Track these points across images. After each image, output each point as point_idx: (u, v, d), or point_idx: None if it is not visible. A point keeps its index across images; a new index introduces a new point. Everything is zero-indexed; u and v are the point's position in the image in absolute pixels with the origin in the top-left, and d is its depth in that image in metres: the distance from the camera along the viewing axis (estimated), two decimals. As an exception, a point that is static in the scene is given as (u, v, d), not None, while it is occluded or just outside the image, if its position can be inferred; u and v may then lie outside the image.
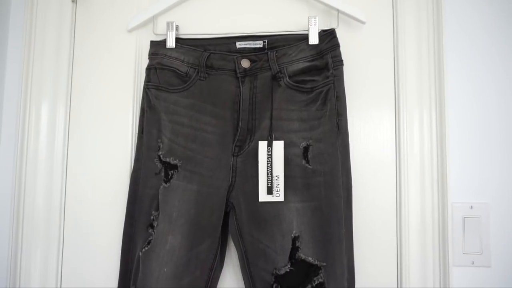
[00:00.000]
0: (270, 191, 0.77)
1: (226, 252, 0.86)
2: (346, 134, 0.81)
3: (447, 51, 0.87)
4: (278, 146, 0.78)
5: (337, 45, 0.82)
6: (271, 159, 0.78)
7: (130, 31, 0.93)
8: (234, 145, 0.82)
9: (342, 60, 0.81)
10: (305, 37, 0.83)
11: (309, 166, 0.78)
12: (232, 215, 0.81)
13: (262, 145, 0.79)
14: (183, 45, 0.87)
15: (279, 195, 0.77)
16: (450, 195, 0.83)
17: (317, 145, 0.79)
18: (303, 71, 0.82)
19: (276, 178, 0.78)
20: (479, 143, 0.86)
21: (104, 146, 0.93)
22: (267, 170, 0.78)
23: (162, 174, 0.83)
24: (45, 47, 0.94)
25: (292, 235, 0.77)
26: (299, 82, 0.82)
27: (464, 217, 0.84)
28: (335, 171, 0.78)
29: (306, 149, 0.79)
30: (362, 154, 0.87)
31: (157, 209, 0.82)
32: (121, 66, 0.94)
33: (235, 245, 0.81)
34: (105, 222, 0.91)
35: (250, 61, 0.83)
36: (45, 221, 0.92)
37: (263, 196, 0.78)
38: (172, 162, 0.82)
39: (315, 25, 0.82)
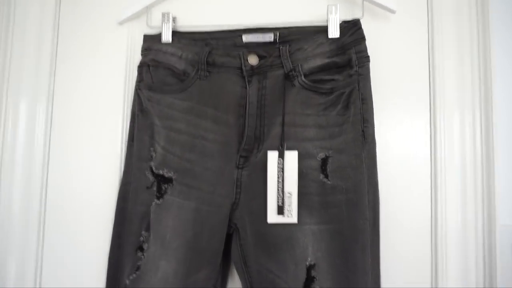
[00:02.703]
0: (281, 210, 0.68)
1: (229, 282, 0.77)
2: (373, 143, 0.70)
3: (494, 45, 0.75)
4: (291, 157, 0.69)
5: (362, 39, 0.71)
6: (283, 172, 0.68)
7: (121, 23, 0.84)
8: (239, 155, 0.72)
9: (368, 56, 0.71)
10: (324, 29, 0.73)
11: (328, 182, 0.69)
12: (235, 239, 0.71)
13: (272, 156, 0.69)
14: (180, 39, 0.78)
15: (291, 216, 0.68)
16: (498, 216, 0.72)
17: (338, 156, 0.69)
18: (322, 69, 0.73)
19: (288, 195, 0.68)
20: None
21: (90, 154, 0.84)
22: (278, 186, 0.68)
23: (155, 188, 0.74)
24: (25, 40, 0.86)
25: (307, 263, 0.68)
26: (317, 81, 0.72)
27: (514, 244, 0.73)
28: (360, 188, 0.67)
29: (324, 161, 0.69)
30: (391, 168, 0.76)
31: (148, 229, 0.73)
32: (111, 64, 0.85)
33: (238, 274, 0.71)
34: (89, 243, 0.82)
35: (259, 57, 0.74)
36: (21, 237, 0.84)
37: (272, 217, 0.68)
38: (166, 175, 0.73)
39: (335, 14, 0.72)
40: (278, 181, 0.68)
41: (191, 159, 0.73)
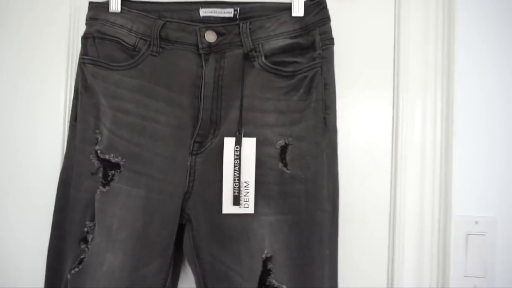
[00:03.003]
0: (237, 200, 0.64)
1: (181, 275, 0.73)
2: (335, 131, 0.67)
3: (459, 31, 0.74)
4: (249, 144, 0.65)
5: (327, 19, 0.67)
6: (239, 160, 0.64)
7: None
8: (193, 140, 0.67)
9: (332, 38, 0.67)
10: (287, 7, 0.68)
11: (287, 171, 0.65)
12: (188, 230, 0.67)
13: (229, 143, 0.65)
14: (131, 10, 0.70)
15: (248, 206, 0.64)
16: (454, 207, 0.72)
17: (298, 144, 0.65)
18: (284, 50, 0.68)
19: (245, 184, 0.64)
20: (488, 148, 0.74)
21: (28, 135, 0.76)
22: (234, 175, 0.64)
23: (100, 175, 0.67)
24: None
25: (263, 256, 0.65)
26: (278, 63, 0.67)
27: (468, 234, 0.73)
28: (320, 178, 0.65)
29: (284, 149, 0.66)
30: (351, 157, 0.74)
31: (93, 219, 0.67)
32: (52, 33, 0.76)
33: (190, 267, 0.68)
34: (27, 233, 0.75)
35: (217, 34, 0.68)
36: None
37: (227, 207, 0.65)
38: (113, 160, 0.67)
39: (300, -9, 0.67)
40: (234, 169, 0.64)
41: (141, 143, 0.67)
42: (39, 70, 0.76)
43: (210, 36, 0.68)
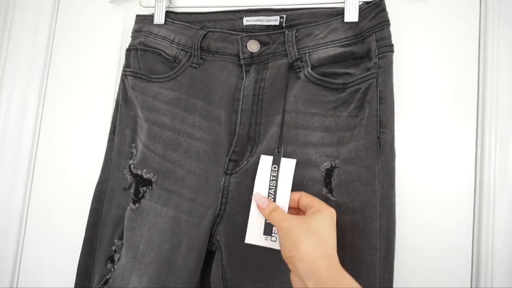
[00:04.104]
0: (269, 229, 0.55)
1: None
2: (392, 154, 0.56)
3: None
4: (288, 166, 0.56)
5: (385, 23, 0.57)
6: (276, 182, 0.56)
7: (112, 1, 0.76)
8: (228, 158, 0.61)
9: (392, 45, 0.57)
10: (340, 12, 0.61)
11: (333, 198, 0.56)
12: (217, 258, 0.60)
13: (265, 161, 0.57)
14: (175, 21, 0.68)
15: (276, 240, 0.54)
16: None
17: (346, 167, 0.56)
18: (335, 60, 0.60)
19: None
20: None
21: (79, 145, 0.77)
22: (268, 197, 0.56)
23: (132, 190, 0.64)
24: (23, 24, 0.83)
25: (301, 294, 0.55)
26: (328, 75, 0.59)
27: None
28: (370, 209, 0.54)
29: (329, 172, 0.57)
30: (414, 187, 0.61)
31: (122, 237, 0.64)
32: (106, 47, 0.78)
33: (217, 301, 0.60)
34: (66, 244, 0.75)
35: (260, 44, 0.63)
36: (1, 234, 0.78)
37: (253, 237, 0.55)
38: (145, 176, 0.64)
39: (355, -6, 0.60)
40: (269, 192, 0.56)
41: (174, 159, 0.63)
42: (93, 83, 0.78)
43: (253, 46, 0.63)
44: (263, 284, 0.58)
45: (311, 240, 0.46)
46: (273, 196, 0.55)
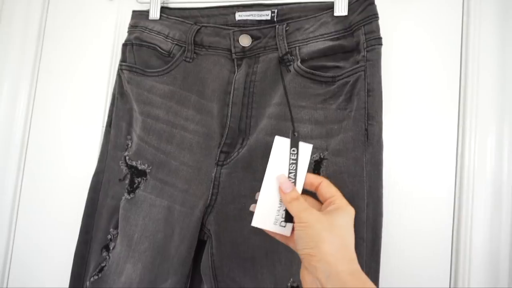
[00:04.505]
0: (289, 217, 0.48)
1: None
2: (379, 146, 0.56)
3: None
4: (306, 151, 0.50)
5: (374, 16, 0.58)
6: (296, 166, 0.49)
7: (110, -1, 0.78)
8: (219, 150, 0.62)
9: (380, 38, 0.58)
10: (329, 6, 0.61)
11: (320, 189, 0.56)
12: (207, 247, 0.61)
13: (281, 144, 0.50)
14: (169, 16, 0.70)
15: (285, 226, 0.49)
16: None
17: (334, 159, 0.57)
18: (324, 53, 0.61)
19: None
20: None
21: (71, 138, 0.78)
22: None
23: (127, 181, 0.66)
24: (13, 16, 0.82)
25: (289, 284, 0.57)
26: (318, 68, 0.60)
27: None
28: (358, 200, 0.55)
29: (318, 164, 0.58)
30: (400, 178, 0.62)
31: (117, 227, 0.66)
32: (98, 41, 0.79)
33: (207, 288, 0.61)
34: (60, 233, 0.76)
35: (252, 38, 0.64)
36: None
37: (260, 221, 0.49)
38: (140, 167, 0.65)
39: (344, -12, 0.60)
40: (289, 176, 0.49)
41: (168, 151, 0.64)
42: (85, 77, 0.79)
43: (245, 40, 0.64)
44: (251, 273, 0.59)
45: (334, 240, 0.43)
46: (293, 180, 0.49)
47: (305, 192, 0.49)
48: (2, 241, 0.79)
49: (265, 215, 0.49)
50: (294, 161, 0.50)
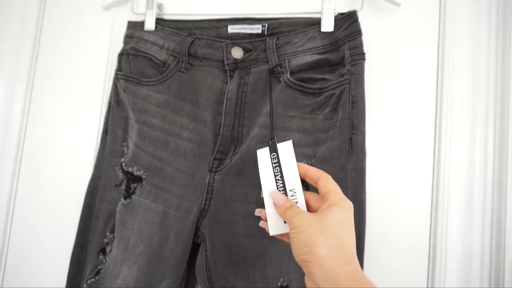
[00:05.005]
0: None
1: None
2: (362, 154, 0.61)
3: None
4: (286, 148, 0.54)
5: (357, 33, 0.63)
6: (280, 167, 0.53)
7: (106, 8, 0.80)
8: (212, 157, 0.65)
9: (363, 53, 0.62)
10: (317, 22, 0.65)
11: (308, 194, 0.60)
12: (202, 250, 0.64)
13: (262, 154, 0.55)
14: (164, 28, 0.72)
15: None
16: (508, 251, 0.61)
17: (321, 166, 0.61)
18: (311, 66, 0.65)
19: (292, 193, 0.51)
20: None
21: (66, 144, 0.80)
22: (277, 186, 0.52)
23: (123, 187, 0.68)
24: (9, 22, 0.84)
25: (279, 284, 0.60)
26: (305, 80, 0.64)
27: (528, 284, 0.61)
28: (342, 204, 0.59)
29: (306, 170, 0.61)
30: (382, 184, 0.66)
31: (113, 231, 0.68)
32: (93, 50, 0.80)
33: (201, 289, 0.64)
34: (56, 238, 0.77)
35: (244, 50, 0.67)
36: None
37: (275, 229, 0.51)
38: (135, 173, 0.68)
39: (331, 4, 0.64)
40: (276, 179, 0.52)
41: (163, 157, 0.67)
42: (80, 85, 0.81)
43: (237, 52, 0.67)
44: (243, 274, 0.62)
45: (328, 242, 0.40)
46: (281, 181, 0.53)
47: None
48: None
49: (276, 222, 0.51)
50: (276, 164, 0.53)
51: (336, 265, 0.39)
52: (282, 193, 0.50)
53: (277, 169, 0.53)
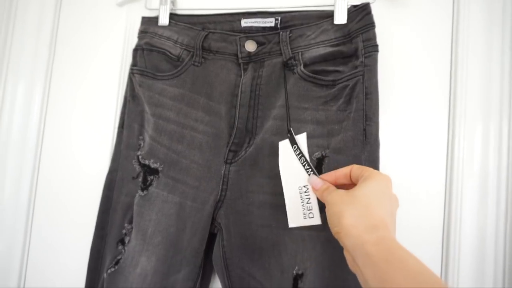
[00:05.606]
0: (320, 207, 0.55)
1: (211, 286, 0.71)
2: (376, 145, 0.62)
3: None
4: (302, 140, 0.59)
5: (371, 25, 0.63)
6: (304, 157, 0.57)
7: (120, 4, 0.81)
8: (228, 149, 0.67)
9: (376, 45, 0.62)
10: (329, 15, 0.66)
11: (322, 184, 0.61)
12: (218, 239, 0.66)
13: (284, 146, 0.60)
14: (178, 22, 0.74)
15: (313, 216, 0.55)
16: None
17: (335, 157, 0.62)
18: (325, 58, 0.65)
19: (305, 189, 0.56)
20: None
21: (83, 139, 0.82)
22: (308, 173, 0.56)
23: (140, 179, 0.70)
24: (26, 22, 0.85)
25: (294, 272, 0.61)
26: (319, 72, 0.65)
27: (541, 272, 0.62)
28: (356, 194, 0.60)
29: (320, 161, 0.62)
30: (396, 175, 0.66)
31: (131, 222, 0.70)
32: (108, 46, 0.82)
33: (219, 277, 0.66)
34: (75, 230, 0.80)
35: (257, 44, 0.68)
36: (10, 222, 0.83)
37: (294, 221, 0.57)
38: (152, 166, 0.69)
39: (344, -2, 0.65)
40: (306, 169, 0.56)
41: (179, 150, 0.69)
42: (96, 80, 0.82)
43: (250, 46, 0.68)
44: (259, 263, 0.63)
45: (354, 211, 0.42)
46: (310, 169, 0.56)
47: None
48: (19, 240, 0.83)
49: (295, 214, 0.56)
50: (301, 154, 0.57)
51: (363, 232, 0.40)
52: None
53: (303, 159, 0.57)
